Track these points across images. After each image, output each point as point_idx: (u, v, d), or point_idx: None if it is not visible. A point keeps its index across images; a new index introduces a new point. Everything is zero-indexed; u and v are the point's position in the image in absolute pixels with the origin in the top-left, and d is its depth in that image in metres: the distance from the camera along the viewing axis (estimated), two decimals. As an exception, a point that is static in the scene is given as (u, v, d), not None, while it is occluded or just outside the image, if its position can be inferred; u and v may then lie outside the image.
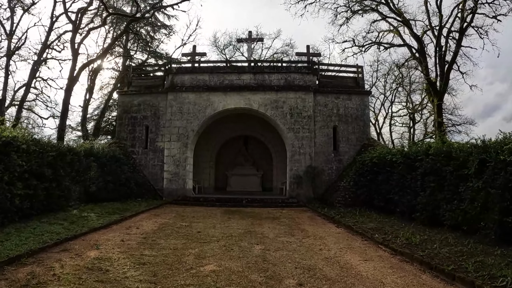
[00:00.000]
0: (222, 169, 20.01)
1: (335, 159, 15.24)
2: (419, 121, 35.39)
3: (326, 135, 15.27)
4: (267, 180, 19.87)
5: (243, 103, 15.01)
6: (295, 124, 14.83)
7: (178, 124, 15.29)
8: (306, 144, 14.73)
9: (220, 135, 18.67)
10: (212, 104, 15.20)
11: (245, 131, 18.70)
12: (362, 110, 15.89)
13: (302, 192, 14.38)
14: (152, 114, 16.09)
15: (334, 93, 15.76)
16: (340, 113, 15.63)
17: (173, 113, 15.47)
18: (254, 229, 8.52)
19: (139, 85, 17.18)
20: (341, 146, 15.37)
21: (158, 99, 16.17)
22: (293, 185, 14.39)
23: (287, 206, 13.41)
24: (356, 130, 15.61)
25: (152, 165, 15.66)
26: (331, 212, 11.69)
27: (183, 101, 15.51)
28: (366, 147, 15.41)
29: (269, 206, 13.24)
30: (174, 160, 14.99)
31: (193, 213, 11.25)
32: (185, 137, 15.07)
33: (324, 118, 15.39)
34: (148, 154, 15.80)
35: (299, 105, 15.08)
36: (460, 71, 23.40)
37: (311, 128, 14.91)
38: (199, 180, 18.07)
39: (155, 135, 15.83)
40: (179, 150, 15.01)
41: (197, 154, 18.35)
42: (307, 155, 14.65)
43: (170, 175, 14.92)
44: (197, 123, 15.08)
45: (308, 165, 14.53)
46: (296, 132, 14.78)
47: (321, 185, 14.78)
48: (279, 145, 18.27)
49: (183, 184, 14.71)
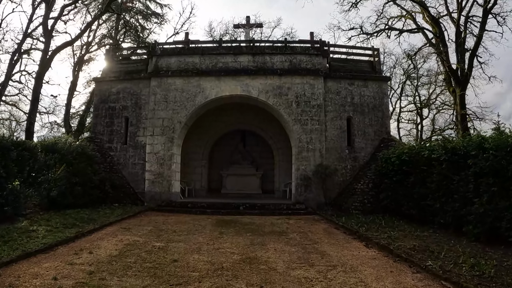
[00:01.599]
0: (216, 168, 17.54)
1: (350, 157, 12.81)
2: (426, 117, 33.04)
3: (339, 128, 12.83)
4: (268, 181, 17.40)
5: (240, 89, 12.55)
6: (302, 114, 12.39)
7: (162, 115, 12.81)
8: (316, 139, 12.29)
9: (213, 129, 16.20)
10: (203, 91, 12.72)
11: (242, 124, 16.24)
12: (380, 98, 13.48)
13: (311, 196, 11.95)
14: (132, 104, 13.61)
15: (347, 79, 13.33)
16: (355, 102, 13.21)
17: (157, 102, 12.99)
18: (255, 253, 6.07)
19: (118, 71, 14.67)
20: (356, 141, 12.95)
21: (139, 86, 13.69)
22: (300, 188, 11.95)
23: (294, 213, 10.97)
24: (374, 122, 13.19)
25: (132, 164, 13.18)
26: (350, 223, 9.28)
27: (168, 88, 13.03)
28: (385, 142, 13.01)
29: (272, 214, 10.80)
30: (158, 157, 12.51)
31: (176, 225, 8.78)
32: (171, 130, 12.59)
33: (336, 108, 12.96)
34: (127, 151, 13.32)
35: (307, 92, 12.63)
36: (478, 60, 21.02)
37: (321, 120, 12.47)
38: (190, 182, 15.60)
39: (136, 128, 13.35)
40: (164, 146, 12.53)
41: (187, 152, 15.88)
42: (316, 151, 12.21)
43: (153, 175, 12.45)
44: (185, 114, 12.60)
45: (318, 163, 12.10)
46: (304, 124, 12.33)
47: (333, 187, 12.36)
48: (282, 140, 15.81)
49: (168, 186, 12.25)
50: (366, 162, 12.83)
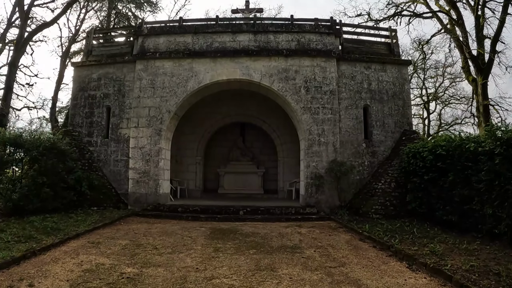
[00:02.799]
0: (212, 166, 15.73)
1: (368, 152, 11.01)
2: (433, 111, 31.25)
3: (355, 118, 11.03)
4: (270, 179, 15.61)
5: (240, 73, 10.70)
6: (312, 102, 10.56)
7: (149, 103, 10.96)
8: (329, 130, 10.47)
9: (209, 122, 14.36)
10: (197, 75, 10.87)
11: (242, 116, 14.40)
12: (400, 84, 11.69)
13: (323, 198, 10.15)
14: (115, 91, 11.76)
15: (363, 62, 11.52)
16: (372, 88, 11.41)
17: (143, 89, 11.14)
18: (264, 285, 4.26)
19: (101, 54, 12.80)
20: (374, 134, 11.15)
21: (123, 71, 11.84)
22: (310, 189, 10.15)
23: (304, 219, 9.18)
24: (394, 112, 11.41)
25: (114, 161, 11.35)
26: (376, 231, 7.53)
27: (156, 72, 11.18)
28: (407, 135, 11.24)
29: (279, 220, 9.00)
30: (143, 153, 10.68)
31: (159, 237, 6.95)
32: (158, 121, 10.74)
33: (351, 95, 11.15)
34: (109, 146, 11.48)
35: (318, 76, 10.81)
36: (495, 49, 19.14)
37: (334, 108, 10.66)
38: (182, 181, 13.78)
39: (118, 119, 11.50)
40: (150, 139, 10.69)
41: (179, 147, 14.06)
42: (330, 145, 10.40)
43: (138, 174, 10.61)
44: (174, 102, 10.75)
45: (332, 159, 10.29)
46: (315, 113, 10.51)
47: (348, 187, 10.58)
48: (287, 134, 14.02)
49: (155, 187, 10.42)
50: (386, 157, 11.07)
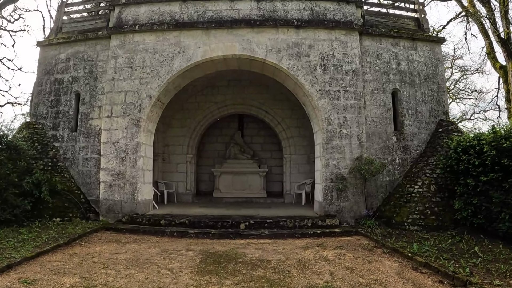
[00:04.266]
0: (206, 165, 13.55)
1: (398, 146, 8.90)
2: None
3: (382, 105, 8.90)
4: (274, 180, 13.47)
5: (239, 47, 8.50)
6: (331, 84, 8.40)
7: (125, 86, 8.73)
8: (352, 120, 8.32)
9: (202, 113, 12.15)
10: (185, 51, 8.65)
11: (241, 106, 12.19)
12: (433, 66, 9.60)
13: (346, 206, 8.00)
14: (86, 74, 9.53)
15: (390, 37, 9.39)
16: (402, 69, 9.29)
17: (118, 69, 8.91)
18: None
19: (72, 31, 10.56)
20: (406, 124, 9.04)
21: (96, 49, 9.60)
22: (330, 194, 7.98)
23: (325, 234, 7.03)
24: (428, 98, 9.32)
25: (83, 160, 9.12)
26: (429, 253, 5.48)
27: (135, 48, 8.96)
28: (444, 126, 9.16)
29: (292, 236, 6.84)
30: (117, 149, 8.45)
31: (125, 271, 4.74)
32: (136, 109, 8.52)
33: (377, 77, 9.02)
34: (77, 141, 9.25)
35: (337, 53, 8.65)
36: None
37: (358, 92, 8.51)
38: (170, 183, 11.57)
39: (89, 108, 9.28)
40: (126, 131, 8.47)
41: (167, 143, 11.85)
42: (353, 138, 8.25)
43: (110, 176, 8.39)
44: (157, 85, 8.52)
45: (357, 156, 8.15)
46: (334, 98, 8.34)
47: (376, 191, 8.47)
48: (294, 127, 11.87)
49: (133, 192, 8.20)
50: (419, 153, 8.98)
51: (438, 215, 7.80)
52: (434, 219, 7.78)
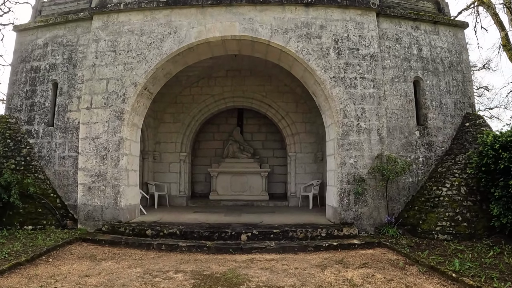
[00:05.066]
0: (202, 164, 12.40)
1: (422, 143, 7.76)
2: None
3: (404, 95, 7.76)
4: (277, 180, 12.33)
5: (239, 28, 7.32)
6: (346, 69, 7.24)
7: (107, 73, 7.53)
8: (371, 112, 7.17)
9: (197, 107, 10.95)
10: (177, 32, 7.46)
11: (239, 99, 11.01)
12: (457, 53, 8.49)
13: (365, 212, 6.85)
14: (65, 61, 8.34)
15: (410, 20, 8.27)
16: (424, 55, 8.16)
17: (100, 54, 7.71)
18: None
19: (52, 13, 9.35)
20: (430, 118, 7.91)
21: (77, 32, 8.41)
22: (347, 197, 6.82)
23: (343, 246, 5.87)
24: (453, 89, 8.21)
25: (60, 158, 7.92)
26: (473, 271, 4.40)
27: (119, 30, 7.76)
28: (471, 120, 8.07)
29: (305, 250, 5.68)
30: (97, 146, 7.25)
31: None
32: (120, 99, 7.32)
33: (397, 63, 7.88)
34: (54, 137, 8.05)
35: (352, 35, 7.50)
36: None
37: (377, 80, 7.36)
38: (162, 185, 10.37)
39: (67, 99, 8.08)
40: (107, 125, 7.26)
41: (158, 140, 10.67)
42: (373, 133, 7.10)
43: (89, 177, 7.18)
44: (143, 71, 7.33)
45: (377, 154, 7.01)
46: (351, 86, 7.19)
47: (397, 194, 7.33)
48: (300, 122, 10.71)
49: (115, 196, 6.99)
50: (445, 151, 7.87)
51: (470, 222, 6.74)
52: (466, 226, 6.71)
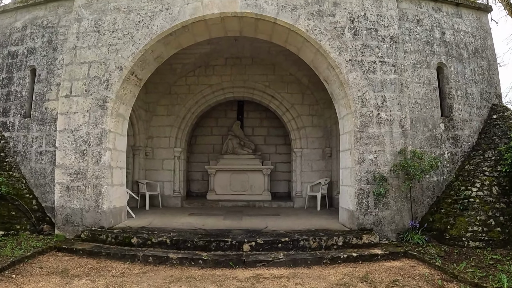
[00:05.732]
0: (199, 161, 11.48)
1: (447, 137, 6.86)
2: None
3: (427, 83, 6.84)
4: (279, 179, 11.43)
5: (241, 3, 6.35)
6: (364, 52, 6.30)
7: (89, 56, 6.56)
8: (393, 100, 6.23)
9: (194, 98, 9.98)
10: (170, 9, 6.48)
11: (240, 89, 10.04)
12: (482, 38, 7.61)
13: (386, 216, 5.93)
14: (45, 44, 7.37)
15: (431, 0, 7.35)
16: (447, 39, 7.25)
17: (82, 35, 6.74)
18: None
19: (31, -5, 8.38)
20: (455, 109, 7.00)
21: (58, 13, 7.44)
22: (366, 199, 5.89)
23: (364, 258, 4.96)
24: (478, 78, 7.31)
25: (36, 154, 6.97)
26: None
27: (104, 8, 6.78)
28: (499, 112, 7.22)
29: (319, 263, 4.76)
30: (77, 139, 6.29)
31: None
32: (102, 85, 6.35)
33: (419, 47, 6.95)
34: (30, 129, 7.10)
35: (370, 13, 6.56)
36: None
37: (399, 65, 6.43)
38: (154, 183, 9.43)
39: (45, 87, 7.12)
40: (89, 115, 6.30)
41: (151, 135, 9.73)
42: (395, 125, 6.17)
43: (68, 175, 6.23)
44: (130, 52, 6.36)
45: (400, 149, 6.08)
46: (369, 70, 6.25)
47: (421, 195, 6.42)
48: (306, 114, 9.79)
49: (96, 197, 6.04)
50: (472, 146, 6.98)
51: (504, 227, 5.88)
52: (500, 231, 5.84)
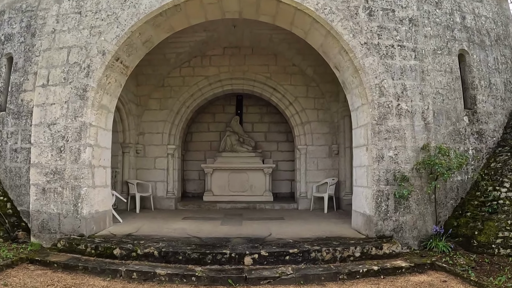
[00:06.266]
0: (195, 159, 10.75)
1: (472, 131, 6.16)
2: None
3: (449, 71, 6.12)
4: (281, 178, 10.71)
5: (241, -19, 5.63)
6: (381, 35, 5.56)
7: (69, 40, 5.78)
8: (414, 89, 5.49)
9: (189, 91, 9.20)
10: (159, -13, 5.74)
11: (239, 81, 9.24)
12: (503, 25, 6.97)
13: (408, 220, 5.19)
14: (23, 29, 6.59)
15: (450, -20, 6.64)
16: (468, 25, 6.55)
17: (62, 17, 5.95)
18: None
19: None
20: (479, 100, 6.30)
21: (37, -6, 6.67)
22: (385, 202, 5.15)
23: (386, 271, 4.24)
24: (501, 67, 6.64)
25: (11, 151, 6.20)
26: None
27: (86, -13, 6.01)
28: (525, 104, 6.51)
29: (334, 279, 4.03)
30: (54, 134, 5.52)
31: None
32: (83, 72, 5.57)
33: (439, 32, 6.23)
34: (5, 124, 6.33)
35: (386, -8, 5.82)
36: None
37: (419, 50, 5.69)
38: (146, 184, 8.67)
39: (22, 76, 6.34)
40: (67, 107, 5.52)
41: (142, 131, 8.98)
42: (416, 117, 5.43)
43: (44, 175, 5.46)
44: (114, 35, 5.58)
45: (423, 145, 5.35)
46: (387, 55, 5.50)
47: (444, 196, 5.71)
48: (312, 108, 9.06)
49: (75, 201, 5.27)
50: (497, 142, 6.29)
51: (543, 234, 5.16)
52: (536, 238, 5.13)
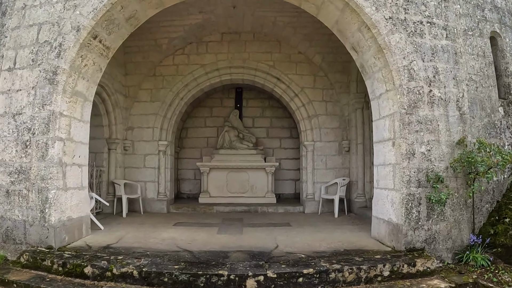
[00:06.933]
0: (190, 157, 9.89)
1: (507, 124, 5.35)
2: None
3: (481, 55, 5.28)
4: (284, 177, 9.87)
5: None
6: (407, 9, 4.72)
7: (40, 16, 4.89)
8: (447, 73, 4.66)
9: (183, 80, 8.29)
10: (146, -46, 4.87)
11: (238, 70, 8.35)
12: (539, 4, 6.10)
13: (441, 229, 4.37)
14: (-11, 8, 5.68)
15: (479, -47, 5.80)
16: (498, 5, 5.76)
17: (32, -10, 5.07)
18: None
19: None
20: (515, 88, 5.50)
21: (7, -33, 5.75)
22: (417, 208, 4.32)
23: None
24: (537, 51, 5.81)
25: (-26, 147, 5.30)
26: None
27: (61, -45, 5.12)
28: None
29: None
30: (19, 126, 4.64)
31: None
32: (53, 52, 4.69)
33: (469, 11, 5.38)
34: (-32, 116, 5.42)
35: (411, -38, 4.98)
36: None
37: (450, 28, 4.87)
38: (135, 184, 7.80)
39: (-13, 61, 5.44)
40: (34, 93, 4.65)
41: (131, 125, 8.11)
42: (451, 106, 4.60)
43: (7, 175, 4.59)
44: (92, 8, 4.69)
45: (459, 139, 4.53)
46: (415, 33, 4.65)
47: (479, 200, 4.88)
48: (320, 100, 8.20)
49: (42, 206, 4.41)
50: (536, 137, 5.47)
51: None
52: None
